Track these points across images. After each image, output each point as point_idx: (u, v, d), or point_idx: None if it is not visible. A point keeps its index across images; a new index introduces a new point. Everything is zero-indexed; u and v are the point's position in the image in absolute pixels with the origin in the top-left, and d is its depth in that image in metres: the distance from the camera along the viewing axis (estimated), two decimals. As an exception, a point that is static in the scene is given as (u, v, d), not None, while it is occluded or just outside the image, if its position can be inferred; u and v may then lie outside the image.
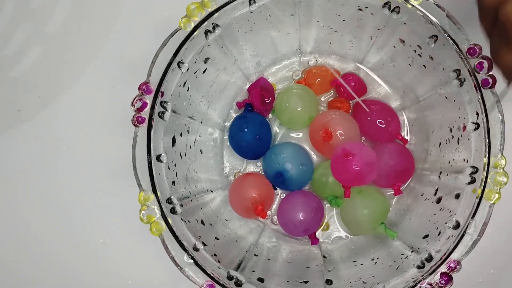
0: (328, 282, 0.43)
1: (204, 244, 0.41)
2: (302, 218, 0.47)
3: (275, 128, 0.52)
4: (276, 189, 0.50)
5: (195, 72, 0.44)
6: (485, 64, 0.39)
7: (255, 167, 0.52)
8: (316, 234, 0.49)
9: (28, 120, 0.54)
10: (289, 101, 0.49)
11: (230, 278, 0.40)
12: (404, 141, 0.50)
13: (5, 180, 0.54)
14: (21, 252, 0.53)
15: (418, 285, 0.38)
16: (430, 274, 0.38)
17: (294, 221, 0.47)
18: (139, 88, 0.40)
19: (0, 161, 0.54)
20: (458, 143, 0.42)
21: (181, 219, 0.41)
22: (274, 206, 0.51)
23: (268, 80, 0.52)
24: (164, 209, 0.40)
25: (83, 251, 0.52)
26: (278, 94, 0.51)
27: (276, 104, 0.51)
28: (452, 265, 0.38)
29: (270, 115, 0.52)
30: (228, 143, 0.51)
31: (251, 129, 0.49)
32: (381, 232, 0.46)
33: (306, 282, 0.43)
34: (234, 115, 0.52)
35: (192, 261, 0.39)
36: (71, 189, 0.53)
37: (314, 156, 0.51)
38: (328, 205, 0.50)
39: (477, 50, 0.39)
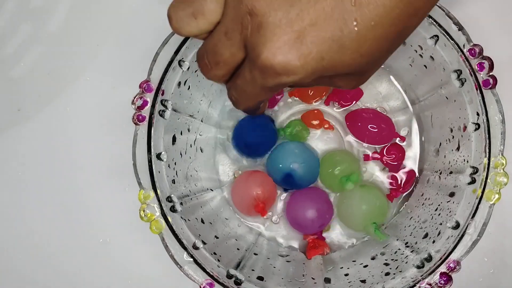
0: (327, 280, 0.42)
1: (204, 243, 0.41)
2: (317, 214, 0.47)
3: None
4: (287, 191, 0.50)
5: (196, 71, 0.44)
6: (486, 65, 0.39)
7: (255, 166, 0.51)
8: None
9: (28, 120, 0.54)
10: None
11: (229, 276, 0.40)
12: (402, 138, 0.50)
13: (5, 180, 0.54)
14: (20, 252, 0.53)
15: (418, 285, 0.38)
16: (430, 274, 0.38)
17: (311, 217, 0.47)
18: (140, 86, 0.40)
19: (0, 161, 0.54)
20: (458, 143, 0.42)
21: (181, 217, 0.41)
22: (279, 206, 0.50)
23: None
24: (164, 208, 0.39)
25: (83, 251, 0.52)
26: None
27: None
28: (451, 265, 0.38)
29: (272, 112, 0.51)
30: (229, 142, 0.51)
31: (254, 128, 0.49)
32: (370, 232, 0.46)
33: (305, 281, 0.43)
34: (233, 114, 0.52)
35: (191, 259, 0.39)
36: (71, 188, 0.53)
37: (318, 151, 0.51)
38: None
39: (478, 51, 0.39)
